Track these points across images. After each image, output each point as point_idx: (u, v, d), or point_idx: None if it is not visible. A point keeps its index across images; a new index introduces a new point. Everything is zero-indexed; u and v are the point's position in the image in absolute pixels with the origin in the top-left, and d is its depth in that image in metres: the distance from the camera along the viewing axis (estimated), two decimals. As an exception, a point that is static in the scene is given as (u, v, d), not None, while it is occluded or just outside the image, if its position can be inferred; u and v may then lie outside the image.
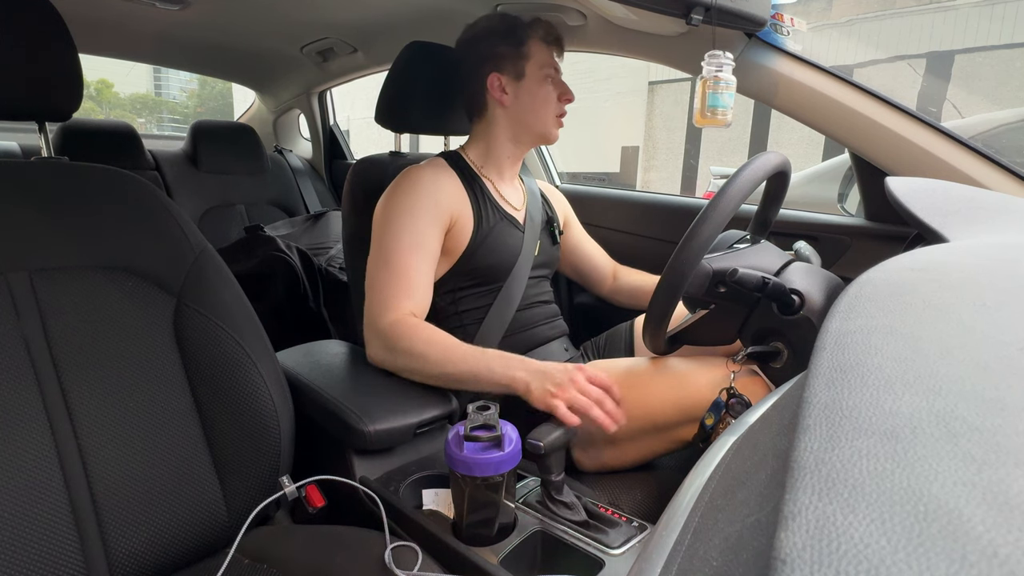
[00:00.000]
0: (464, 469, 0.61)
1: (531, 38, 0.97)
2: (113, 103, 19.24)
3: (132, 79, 20.46)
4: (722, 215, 0.67)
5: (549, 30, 0.99)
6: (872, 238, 1.06)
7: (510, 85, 0.98)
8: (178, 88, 25.25)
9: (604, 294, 1.24)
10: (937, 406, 0.18)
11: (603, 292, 1.24)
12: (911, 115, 0.91)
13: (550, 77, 0.98)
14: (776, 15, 0.94)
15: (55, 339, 0.64)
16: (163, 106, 23.26)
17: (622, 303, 1.22)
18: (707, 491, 0.28)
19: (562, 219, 1.19)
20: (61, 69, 0.71)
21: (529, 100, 0.98)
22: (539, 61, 0.98)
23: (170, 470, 0.67)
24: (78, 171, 0.72)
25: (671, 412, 0.80)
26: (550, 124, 1.00)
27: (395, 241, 0.90)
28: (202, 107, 22.08)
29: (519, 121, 1.00)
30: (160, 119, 22.29)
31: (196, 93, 22.56)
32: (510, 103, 0.99)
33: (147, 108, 21.40)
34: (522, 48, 0.97)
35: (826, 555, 0.14)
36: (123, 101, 19.56)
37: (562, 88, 1.00)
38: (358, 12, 1.43)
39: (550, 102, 0.99)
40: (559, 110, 1.01)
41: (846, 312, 0.26)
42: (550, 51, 0.99)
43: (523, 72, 0.97)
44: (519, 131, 1.01)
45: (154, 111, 22.21)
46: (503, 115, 1.00)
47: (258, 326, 0.77)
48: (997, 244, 0.41)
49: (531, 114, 0.99)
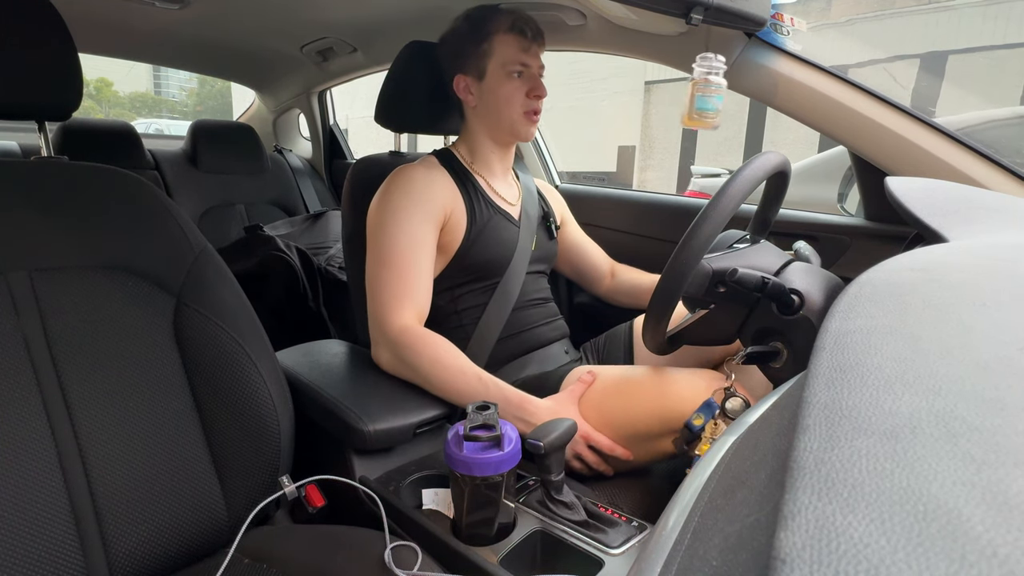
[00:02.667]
0: (463, 469, 0.61)
1: (494, 33, 0.94)
2: (112, 102, 19.25)
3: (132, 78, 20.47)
4: (722, 215, 0.67)
5: (515, 21, 0.94)
6: (872, 238, 1.06)
7: (473, 85, 0.97)
8: (177, 87, 25.26)
9: (602, 293, 1.24)
10: (937, 406, 0.18)
11: (601, 291, 1.24)
12: (911, 115, 0.91)
13: (516, 73, 0.95)
14: (776, 15, 0.94)
15: (55, 339, 0.64)
16: (163, 105, 23.33)
17: (620, 302, 1.21)
18: (707, 491, 0.28)
19: (559, 217, 1.19)
20: (61, 69, 0.71)
21: (492, 99, 0.96)
22: (502, 58, 0.94)
23: (169, 470, 0.67)
24: (78, 171, 0.72)
25: (652, 422, 0.81)
26: (517, 122, 0.97)
27: (393, 240, 0.90)
28: (201, 106, 22.08)
29: (487, 121, 0.99)
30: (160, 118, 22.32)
31: (196, 92, 22.59)
32: (476, 103, 0.98)
33: (146, 106, 21.45)
34: (483, 46, 0.95)
35: (826, 555, 0.14)
36: (122, 100, 19.59)
37: (532, 83, 0.96)
38: (358, 12, 1.43)
39: (513, 100, 0.95)
40: (528, 106, 0.97)
41: (846, 312, 0.26)
42: (518, 43, 0.94)
43: (484, 71, 0.96)
44: (492, 130, 1.00)
45: (153, 109, 22.26)
46: (473, 115, 1.00)
47: (258, 326, 0.77)
48: (997, 244, 0.41)
49: (495, 114, 0.97)
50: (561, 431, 0.68)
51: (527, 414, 0.83)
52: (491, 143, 1.02)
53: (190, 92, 23.14)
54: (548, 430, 0.67)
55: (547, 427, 0.68)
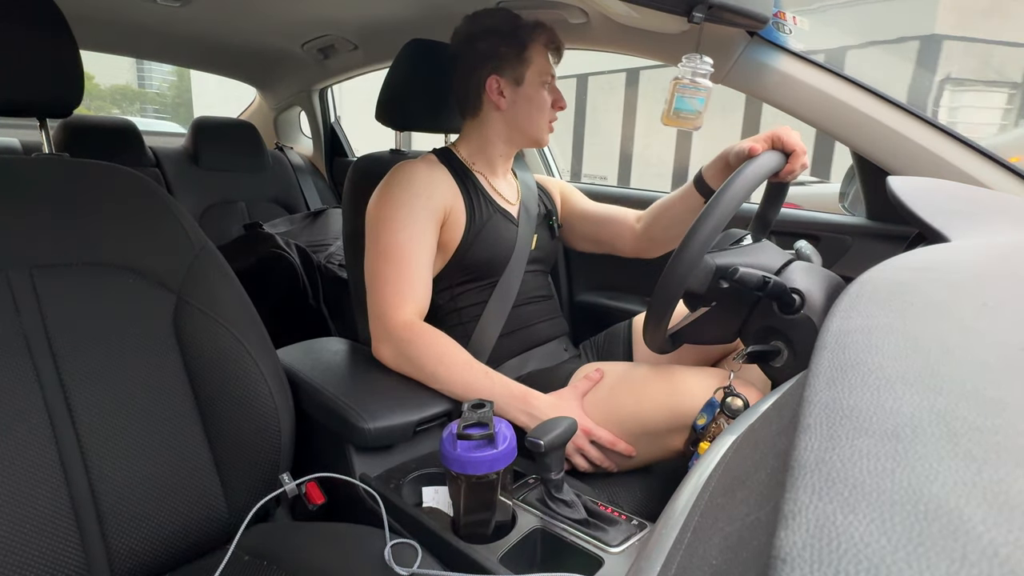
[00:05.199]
0: (458, 467, 0.61)
1: (533, 42, 0.97)
2: (93, 95, 19.17)
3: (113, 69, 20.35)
4: (723, 213, 0.67)
5: (552, 37, 0.99)
6: (873, 237, 1.06)
7: (508, 89, 0.97)
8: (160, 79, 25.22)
9: (636, 244, 1.12)
10: (938, 405, 0.18)
11: (632, 243, 1.12)
12: (914, 114, 0.91)
13: (546, 84, 0.98)
14: (778, 13, 0.93)
15: (55, 336, 0.64)
16: (143, 97, 23.38)
17: (657, 237, 1.08)
18: (707, 490, 0.28)
19: (559, 200, 1.18)
20: (62, 65, 0.71)
21: (526, 106, 0.98)
22: (538, 68, 0.97)
23: (170, 467, 0.67)
24: (79, 168, 0.72)
25: (663, 418, 0.81)
26: (543, 130, 1.01)
27: (393, 235, 0.90)
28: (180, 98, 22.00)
29: (514, 125, 1.00)
30: (140, 110, 22.33)
31: (175, 84, 22.59)
32: (507, 107, 0.98)
33: (127, 99, 21.48)
34: (524, 53, 0.96)
35: (826, 554, 0.14)
36: (103, 92, 19.57)
37: (556, 95, 1.01)
38: (359, 9, 1.43)
39: (545, 109, 0.99)
40: (552, 116, 1.01)
41: (847, 311, 0.26)
42: (551, 59, 1.00)
43: (523, 78, 0.97)
44: (513, 134, 1.01)
45: (134, 102, 22.28)
46: (499, 118, 1.00)
47: (258, 323, 0.77)
48: (998, 244, 0.41)
49: (527, 120, 0.99)
50: (561, 430, 0.68)
51: (531, 408, 0.83)
52: (503, 145, 1.03)
53: (171, 85, 23.17)
54: (548, 429, 0.67)
55: (547, 426, 0.68)
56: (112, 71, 20.61)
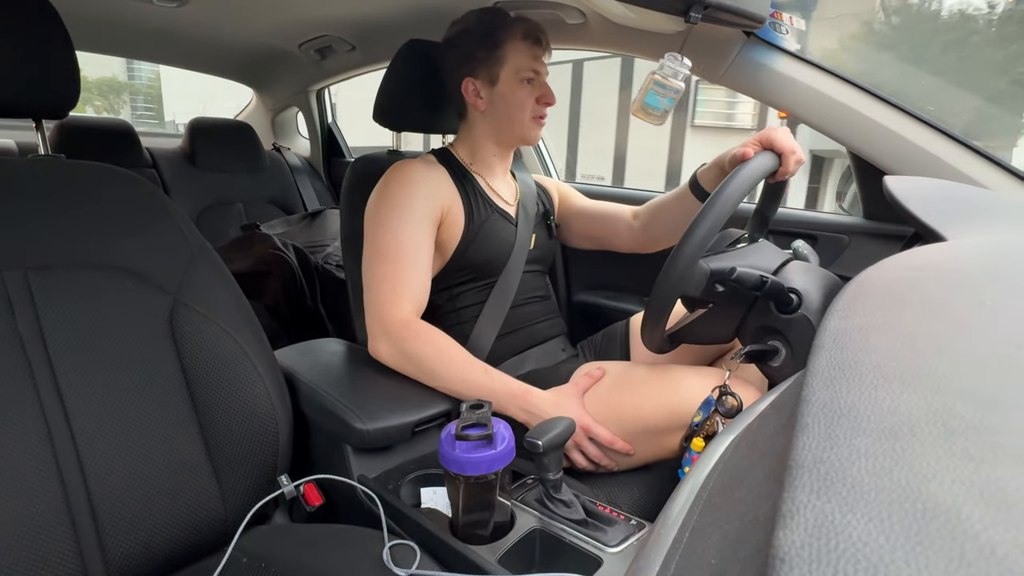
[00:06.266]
0: (456, 468, 0.61)
1: (509, 39, 0.95)
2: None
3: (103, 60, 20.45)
4: (718, 218, 0.67)
5: (529, 29, 0.95)
6: (870, 237, 1.06)
7: (484, 90, 0.97)
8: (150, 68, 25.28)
9: (632, 241, 1.11)
10: (935, 404, 0.18)
11: (628, 239, 1.12)
12: (910, 114, 0.91)
13: (527, 80, 0.96)
14: (775, 14, 0.94)
15: (51, 337, 0.64)
16: (129, 88, 23.43)
17: (655, 236, 1.08)
18: (705, 489, 0.28)
19: (557, 199, 1.18)
20: (58, 67, 0.71)
21: (504, 106, 0.97)
22: (515, 65, 0.95)
23: (167, 469, 0.67)
24: (75, 169, 0.72)
25: (661, 417, 0.81)
26: (527, 127, 0.99)
27: (391, 234, 0.90)
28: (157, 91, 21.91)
29: (496, 125, 1.00)
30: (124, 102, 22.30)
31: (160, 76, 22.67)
32: (485, 108, 0.98)
33: (113, 91, 21.45)
34: (497, 52, 0.95)
35: (824, 553, 0.14)
36: (90, 84, 19.51)
37: (541, 90, 0.98)
38: (356, 10, 1.43)
39: (525, 107, 0.97)
40: (537, 112, 0.98)
41: (844, 311, 0.26)
42: (531, 51, 0.96)
43: (497, 77, 0.96)
44: (499, 134, 1.01)
45: (120, 93, 22.27)
46: (480, 119, 1.00)
47: (256, 324, 0.77)
48: (995, 243, 0.41)
49: (507, 119, 0.98)
50: (559, 430, 0.68)
51: (531, 405, 0.83)
52: (495, 146, 1.02)
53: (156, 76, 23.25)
54: (546, 429, 0.67)
55: (545, 426, 0.68)
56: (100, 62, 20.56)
